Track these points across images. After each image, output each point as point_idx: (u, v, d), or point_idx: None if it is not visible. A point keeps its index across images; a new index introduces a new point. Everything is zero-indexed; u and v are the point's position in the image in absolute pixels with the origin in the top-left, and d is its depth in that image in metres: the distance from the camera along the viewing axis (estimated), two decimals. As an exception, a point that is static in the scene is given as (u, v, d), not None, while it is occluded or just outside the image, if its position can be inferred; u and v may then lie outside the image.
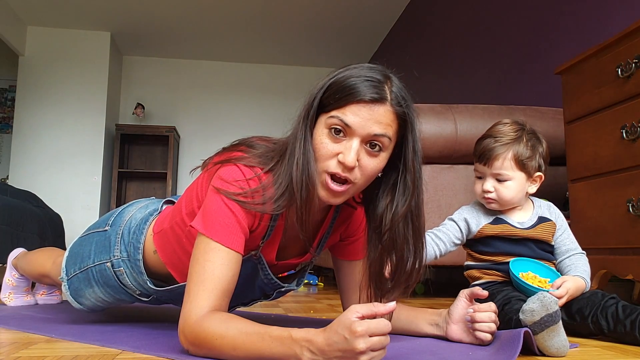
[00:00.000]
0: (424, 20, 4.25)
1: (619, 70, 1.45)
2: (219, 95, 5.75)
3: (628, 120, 1.42)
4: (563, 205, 1.79)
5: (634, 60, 1.40)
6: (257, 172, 0.93)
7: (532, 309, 0.94)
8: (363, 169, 0.90)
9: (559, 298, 1.17)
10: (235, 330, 0.82)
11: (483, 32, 3.23)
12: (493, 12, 3.11)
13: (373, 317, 0.74)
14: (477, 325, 1.01)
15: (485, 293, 1.03)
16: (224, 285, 0.89)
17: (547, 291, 1.17)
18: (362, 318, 0.73)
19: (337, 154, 0.88)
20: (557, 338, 0.93)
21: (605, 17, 2.11)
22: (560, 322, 0.94)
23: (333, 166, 0.89)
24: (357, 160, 0.88)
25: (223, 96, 5.75)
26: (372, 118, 0.87)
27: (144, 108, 5.39)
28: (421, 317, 1.12)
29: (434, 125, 2.02)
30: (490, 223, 1.34)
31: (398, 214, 0.94)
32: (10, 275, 1.74)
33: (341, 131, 0.88)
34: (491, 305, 1.02)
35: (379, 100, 0.88)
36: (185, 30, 5.07)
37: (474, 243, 1.38)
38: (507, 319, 1.14)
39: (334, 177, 0.89)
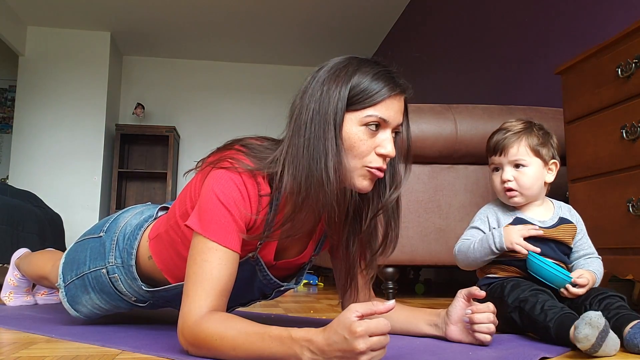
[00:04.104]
0: (423, 20, 4.25)
1: (619, 70, 1.45)
2: (219, 95, 5.75)
3: (628, 120, 1.42)
4: (563, 205, 1.79)
5: (634, 60, 1.40)
6: (261, 191, 0.94)
7: (586, 335, 0.91)
8: None
9: (583, 286, 1.16)
10: (235, 330, 0.82)
11: (483, 32, 3.23)
12: (493, 12, 3.11)
13: (372, 315, 0.75)
14: (475, 327, 1.01)
15: (483, 293, 1.03)
16: (222, 284, 0.89)
17: (570, 280, 1.16)
18: (361, 317, 0.74)
19: (374, 148, 0.92)
20: (611, 342, 0.92)
21: (605, 17, 2.11)
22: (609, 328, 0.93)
23: (376, 161, 0.93)
24: None
25: (223, 96, 5.75)
26: (399, 109, 0.94)
27: (144, 108, 5.39)
28: (420, 317, 1.12)
29: (434, 125, 2.02)
30: (511, 224, 1.31)
31: (397, 192, 1.01)
32: (12, 275, 1.75)
33: (378, 126, 0.92)
34: (489, 306, 1.01)
35: (403, 90, 0.95)
36: (185, 30, 5.07)
37: None
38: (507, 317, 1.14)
39: (379, 169, 0.94)
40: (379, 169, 0.93)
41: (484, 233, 1.34)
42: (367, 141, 0.92)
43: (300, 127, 0.92)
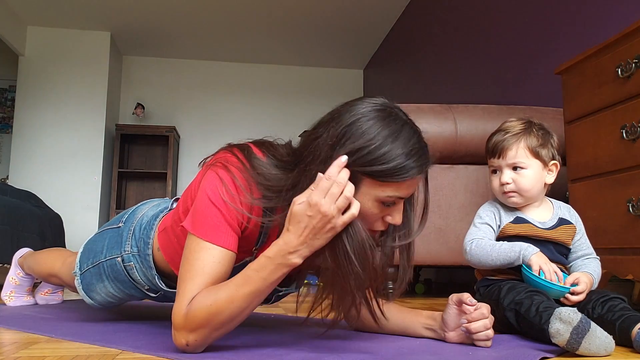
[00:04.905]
0: (424, 20, 4.25)
1: (619, 70, 1.45)
2: (219, 95, 5.74)
3: (628, 120, 1.42)
4: (563, 205, 1.78)
5: (634, 60, 1.40)
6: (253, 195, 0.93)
7: (557, 329, 0.92)
8: None
9: (580, 293, 1.16)
10: (222, 288, 0.86)
11: (483, 32, 3.23)
12: (493, 12, 3.11)
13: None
14: (474, 336, 1.01)
15: (474, 302, 1.00)
16: (214, 279, 0.89)
17: (568, 290, 1.16)
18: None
19: (383, 216, 0.92)
20: (598, 340, 0.91)
21: (605, 17, 2.11)
22: (592, 323, 0.92)
23: (381, 226, 0.93)
24: None
25: (223, 96, 5.75)
26: (418, 183, 0.93)
27: (143, 108, 5.38)
28: (417, 320, 1.12)
29: (434, 125, 2.02)
30: (512, 222, 1.31)
31: (402, 242, 0.99)
32: (14, 274, 1.75)
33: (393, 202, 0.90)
34: (483, 312, 1.00)
35: (429, 167, 0.92)
36: (185, 30, 5.07)
37: None
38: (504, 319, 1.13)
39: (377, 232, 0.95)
40: (378, 232, 0.95)
41: (494, 230, 1.33)
42: (378, 213, 0.91)
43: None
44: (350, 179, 0.85)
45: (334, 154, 0.85)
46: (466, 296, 1.01)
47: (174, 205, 1.24)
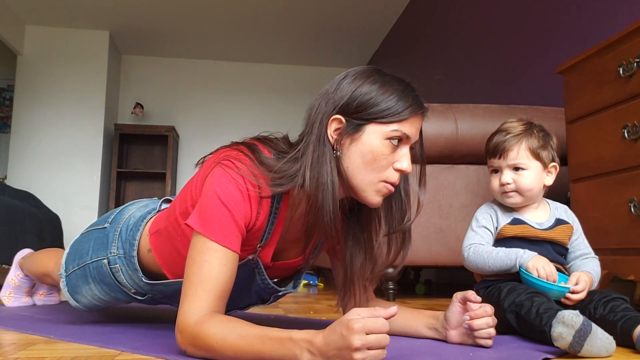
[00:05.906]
0: (424, 20, 4.24)
1: (621, 69, 1.45)
2: (218, 95, 5.74)
3: (630, 120, 1.42)
4: (564, 205, 1.77)
5: (636, 60, 1.40)
6: (262, 193, 0.93)
7: (560, 333, 0.92)
8: None
9: (580, 292, 1.16)
10: (236, 333, 0.82)
11: (483, 31, 3.23)
12: (493, 12, 3.11)
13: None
14: (476, 333, 1.01)
15: (478, 299, 1.01)
16: (222, 285, 0.88)
17: (567, 290, 1.16)
18: None
19: (392, 163, 0.94)
20: (599, 341, 0.91)
21: (606, 16, 2.11)
22: (593, 325, 0.92)
23: (393, 176, 0.95)
24: None
25: (223, 96, 5.74)
26: (419, 127, 0.97)
27: (142, 107, 5.37)
28: (419, 320, 1.11)
29: (435, 125, 2.02)
30: (509, 224, 1.31)
31: (416, 215, 1.05)
32: (14, 275, 1.75)
33: (399, 141, 0.94)
34: (487, 310, 1.01)
35: (425, 110, 0.97)
36: (184, 30, 5.06)
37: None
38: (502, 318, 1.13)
39: (392, 185, 0.96)
40: (393, 184, 0.96)
41: (492, 233, 1.33)
42: (388, 156, 0.93)
43: (313, 137, 0.95)
44: (356, 127, 0.92)
45: (333, 109, 0.93)
46: (470, 293, 1.02)
47: (162, 207, 1.22)
